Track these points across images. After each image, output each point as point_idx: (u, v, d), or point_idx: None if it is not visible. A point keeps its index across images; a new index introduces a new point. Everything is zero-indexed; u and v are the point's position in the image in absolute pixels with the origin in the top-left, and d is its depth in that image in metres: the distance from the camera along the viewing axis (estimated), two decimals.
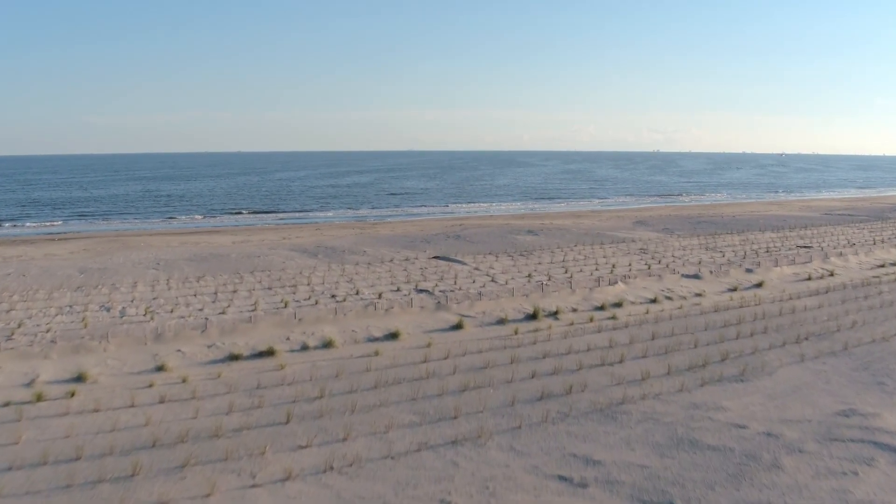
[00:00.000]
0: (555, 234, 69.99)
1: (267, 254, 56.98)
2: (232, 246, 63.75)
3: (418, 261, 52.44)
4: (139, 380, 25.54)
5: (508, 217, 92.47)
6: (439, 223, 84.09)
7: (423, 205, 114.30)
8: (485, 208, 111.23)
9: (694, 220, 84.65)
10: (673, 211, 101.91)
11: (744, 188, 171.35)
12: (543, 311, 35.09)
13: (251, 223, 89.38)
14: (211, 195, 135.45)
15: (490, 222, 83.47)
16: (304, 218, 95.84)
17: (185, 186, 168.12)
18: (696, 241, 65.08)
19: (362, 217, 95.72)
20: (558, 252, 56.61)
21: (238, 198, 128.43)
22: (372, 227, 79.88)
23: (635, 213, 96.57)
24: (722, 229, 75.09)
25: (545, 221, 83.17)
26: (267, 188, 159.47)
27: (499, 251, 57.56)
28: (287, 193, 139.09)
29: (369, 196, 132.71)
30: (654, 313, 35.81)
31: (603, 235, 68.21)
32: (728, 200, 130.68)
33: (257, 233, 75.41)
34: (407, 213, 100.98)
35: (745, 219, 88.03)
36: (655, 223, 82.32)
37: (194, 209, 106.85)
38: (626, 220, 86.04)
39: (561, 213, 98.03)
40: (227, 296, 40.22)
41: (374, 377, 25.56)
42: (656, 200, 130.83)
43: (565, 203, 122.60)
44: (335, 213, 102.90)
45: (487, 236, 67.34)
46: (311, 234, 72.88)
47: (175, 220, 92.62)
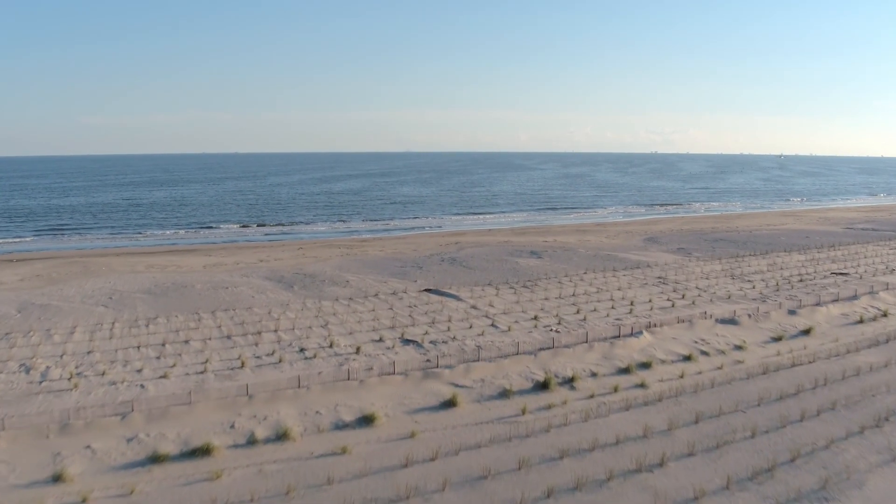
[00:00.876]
0: (560, 255, 63.65)
1: (237, 283, 50.50)
2: (202, 271, 57.27)
3: (407, 295, 46.02)
4: (25, 498, 19.08)
5: (508, 232, 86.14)
6: (434, 240, 77.75)
7: (417, 216, 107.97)
8: (483, 221, 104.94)
9: (709, 237, 78.39)
10: (684, 224, 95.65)
11: (752, 195, 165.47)
12: (556, 378, 28.64)
13: (231, 239, 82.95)
14: (196, 204, 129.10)
15: (488, 239, 77.14)
16: (289, 233, 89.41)
17: (173, 193, 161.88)
18: (717, 265, 58.75)
19: (351, 232, 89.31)
20: (566, 282, 50.26)
21: (224, 207, 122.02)
22: (360, 245, 73.51)
23: (644, 227, 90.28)
24: (742, 249, 68.83)
25: (548, 239, 76.82)
26: (256, 195, 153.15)
27: (499, 280, 51.21)
28: (275, 202, 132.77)
29: (361, 205, 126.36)
30: (691, 377, 29.36)
31: (613, 258, 61.83)
32: (739, 210, 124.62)
33: (234, 252, 68.96)
34: (400, 228, 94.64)
35: (763, 234, 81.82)
36: (668, 240, 76.07)
37: (174, 222, 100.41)
38: (636, 237, 79.75)
39: (564, 228, 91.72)
40: (176, 348, 33.81)
41: (335, 497, 19.30)
42: (663, 211, 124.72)
43: (568, 214, 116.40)
44: (323, 226, 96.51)
45: (486, 259, 60.98)
46: (292, 254, 66.48)
47: (151, 236, 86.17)
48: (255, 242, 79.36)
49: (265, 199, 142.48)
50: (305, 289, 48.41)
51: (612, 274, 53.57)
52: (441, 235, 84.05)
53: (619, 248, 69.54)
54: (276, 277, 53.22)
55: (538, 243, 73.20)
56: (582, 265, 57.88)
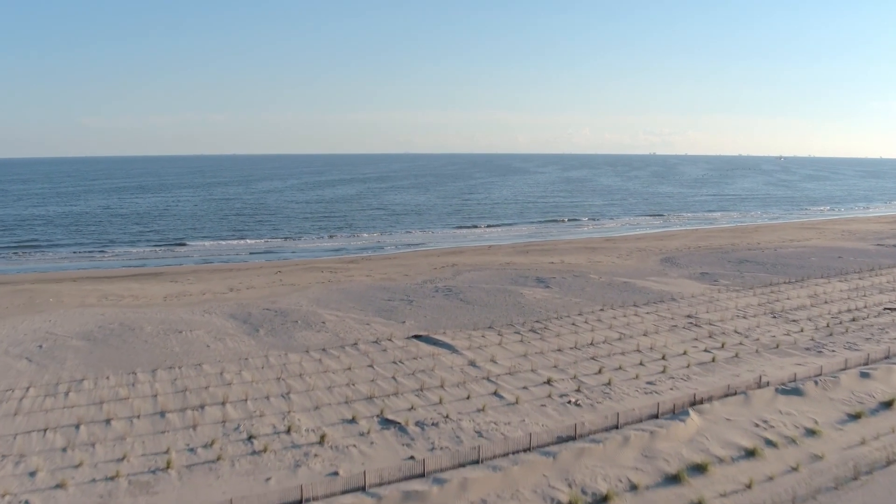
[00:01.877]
0: (570, 283, 56.42)
1: (195, 325, 43.07)
2: (160, 306, 49.92)
3: (392, 344, 38.77)
4: None
5: (510, 250, 78.89)
6: (428, 261, 70.49)
7: (411, 230, 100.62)
8: (482, 235, 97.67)
9: (732, 258, 71.18)
10: (699, 239, 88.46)
11: (763, 203, 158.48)
12: (585, 496, 21.40)
13: (205, 259, 75.57)
14: (177, 215, 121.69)
15: (488, 260, 69.89)
16: (270, 250, 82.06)
17: (156, 200, 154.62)
18: (751, 297, 51.52)
19: (338, 250, 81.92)
20: (581, 323, 42.96)
21: (206, 218, 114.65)
22: (346, 267, 66.22)
23: (658, 244, 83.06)
24: (773, 273, 61.64)
25: (554, 259, 69.57)
26: (242, 203, 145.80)
27: (501, 320, 43.89)
28: (262, 212, 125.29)
29: (352, 216, 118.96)
30: (761, 488, 22.11)
31: (631, 287, 54.53)
32: (754, 222, 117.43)
33: (204, 277, 61.63)
34: (391, 244, 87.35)
35: (789, 253, 74.66)
36: (687, 261, 68.88)
37: (149, 237, 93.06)
38: (651, 256, 72.56)
39: (571, 244, 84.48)
40: (91, 432, 26.41)
41: None
42: (674, 221, 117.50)
43: (573, 227, 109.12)
44: (309, 241, 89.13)
45: (486, 290, 53.66)
46: (268, 280, 59.15)
47: (120, 256, 78.84)
48: (231, 264, 71.98)
49: (252, 207, 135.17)
50: (273, 333, 41.08)
51: (634, 311, 46.27)
52: (436, 255, 76.78)
53: (635, 272, 62.32)
54: (242, 315, 45.89)
55: (544, 266, 65.96)
56: (596, 297, 50.61)
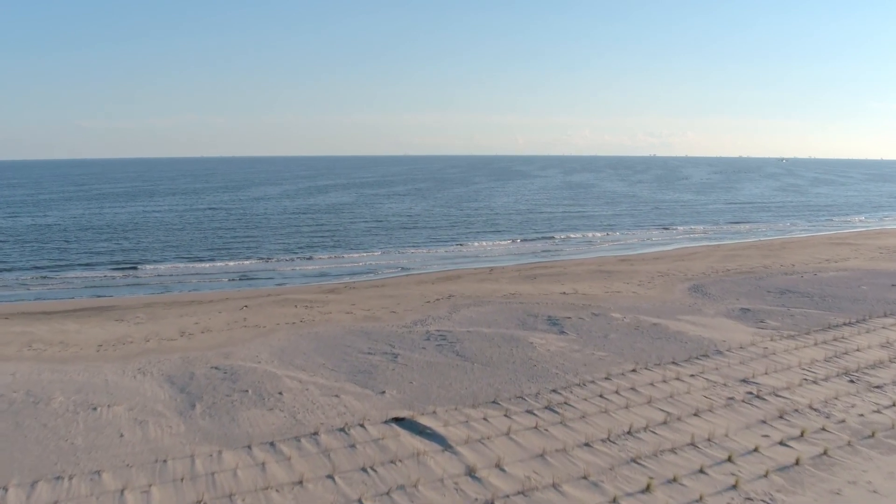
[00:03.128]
0: (588, 325, 47.17)
1: (118, 396, 33.65)
2: (89, 359, 40.68)
3: (365, 435, 29.09)
4: None
5: (514, 274, 69.67)
6: (421, 290, 61.31)
7: (405, 247, 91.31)
8: (483, 252, 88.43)
9: (769, 285, 61.98)
10: (726, 258, 79.24)
11: (779, 213, 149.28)
12: None
13: (165, 288, 66.09)
14: (152, 227, 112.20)
15: (490, 289, 60.74)
16: (244, 274, 72.64)
17: (135, 210, 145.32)
18: (813, 347, 42.14)
19: (321, 275, 72.41)
20: (612, 396, 33.42)
21: (181, 233, 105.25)
22: (325, 300, 57.02)
23: (680, 265, 73.85)
24: (825, 308, 52.40)
25: (566, 289, 60.39)
26: (227, 213, 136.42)
27: (509, 389, 34.46)
28: (243, 226, 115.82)
29: (342, 230, 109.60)
30: None
31: (665, 333, 45.17)
32: (778, 235, 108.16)
33: (157, 314, 52.31)
34: (381, 265, 78.04)
35: (833, 279, 65.46)
36: (719, 290, 59.67)
37: (112, 256, 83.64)
38: (676, 282, 63.38)
39: (582, 266, 75.27)
40: None
41: None
42: (690, 234, 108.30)
43: (581, 240, 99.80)
44: (288, 264, 79.59)
45: (489, 336, 44.26)
46: (228, 321, 49.89)
47: (70, 282, 69.55)
48: (194, 294, 62.58)
49: (235, 218, 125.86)
50: (212, 412, 31.71)
51: (674, 372, 36.98)
52: (430, 281, 67.47)
53: (663, 307, 53.07)
54: (182, 378, 36.58)
55: (555, 298, 56.71)
56: (624, 349, 41.26)
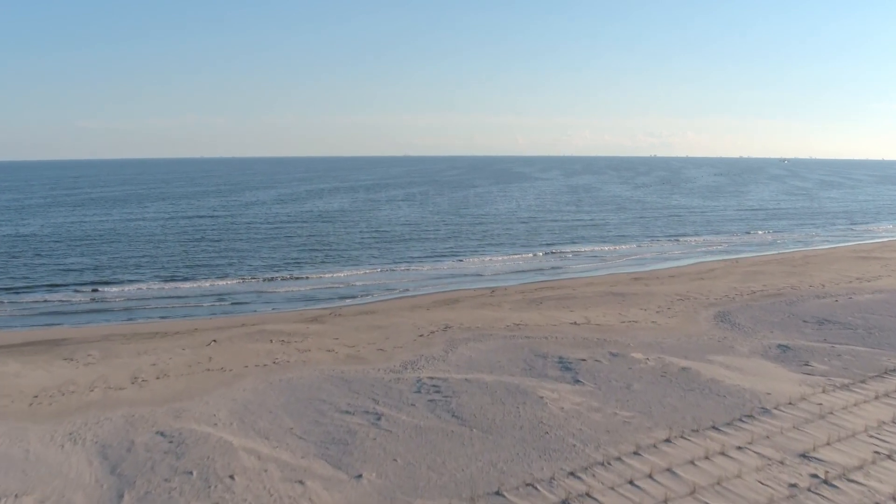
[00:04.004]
0: (607, 371, 40.55)
1: (33, 477, 26.58)
2: (18, 415, 33.66)
3: None
4: None
5: (518, 298, 63.15)
6: (414, 318, 54.77)
7: (397, 263, 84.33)
8: (482, 268, 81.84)
9: (802, 312, 55.40)
10: (748, 276, 72.72)
11: (793, 220, 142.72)
12: None
13: (129, 316, 59.28)
14: (133, 239, 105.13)
15: (492, 317, 54.25)
16: (220, 297, 65.91)
17: (119, 219, 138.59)
18: (875, 403, 35.02)
19: (305, 299, 65.23)
20: (644, 483, 26.34)
21: (162, 246, 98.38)
22: (305, 331, 50.47)
23: (700, 287, 67.30)
24: (873, 344, 45.57)
25: (577, 318, 53.88)
26: (213, 222, 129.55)
27: (515, 473, 27.41)
28: (230, 236, 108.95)
29: (332, 242, 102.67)
30: None
31: (696, 381, 38.36)
32: (797, 247, 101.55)
33: (110, 352, 45.75)
34: (372, 286, 71.34)
35: (868, 302, 58.74)
36: (750, 320, 53.05)
37: (80, 275, 76.54)
38: (700, 310, 56.83)
39: (593, 286, 68.73)
40: None
41: None
42: (703, 246, 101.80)
43: (589, 255, 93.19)
44: (270, 284, 72.36)
45: (490, 388, 37.47)
46: (190, 361, 43.30)
47: (25, 309, 62.78)
48: (158, 323, 55.90)
49: (222, 228, 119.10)
50: None
51: (717, 443, 30.16)
52: (425, 306, 60.83)
53: (689, 343, 46.48)
54: (118, 451, 29.89)
55: (565, 330, 50.10)
56: (651, 406, 34.51)
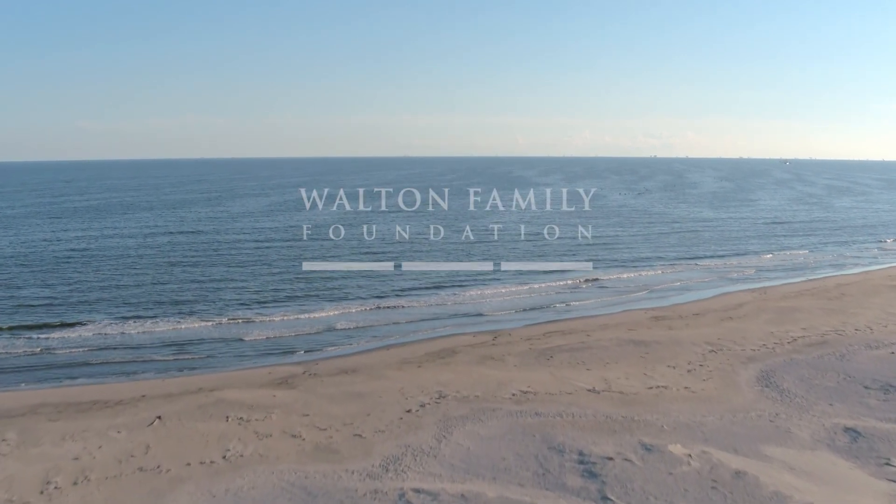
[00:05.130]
0: (640, 479, 31.82)
1: None
2: None
3: None
4: None
5: (524, 347, 54.63)
6: (401, 381, 46.25)
7: (387, 294, 76.03)
8: (482, 302, 73.43)
9: (856, 369, 46.64)
10: (783, 315, 64.25)
11: (810, 235, 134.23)
12: None
13: (68, 374, 51.05)
14: (101, 260, 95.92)
15: (495, 381, 45.78)
16: (180, 347, 57.29)
17: (93, 234, 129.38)
18: None
19: (279, 349, 56.35)
20: None
21: (130, 273, 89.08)
22: (270, 402, 41.93)
23: (731, 330, 58.90)
24: None
25: (596, 382, 45.41)
26: (190, 241, 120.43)
27: None
28: (206, 260, 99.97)
29: (313, 269, 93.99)
30: None
31: (755, 495, 30.27)
32: (825, 271, 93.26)
33: (32, 435, 37.12)
34: (352, 329, 62.83)
35: None
36: (801, 386, 44.39)
37: (33, 313, 67.99)
38: (737, 367, 48.34)
39: (607, 329, 60.19)
40: None
41: None
42: (721, 269, 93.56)
43: (596, 285, 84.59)
44: (239, 325, 62.99)
45: None
46: (123, 451, 34.66)
47: None
48: (99, 389, 47.33)
49: (202, 248, 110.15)
50: None
51: None
52: (417, 361, 51.90)
53: (734, 422, 37.87)
54: None
55: (583, 403, 41.31)
56: None
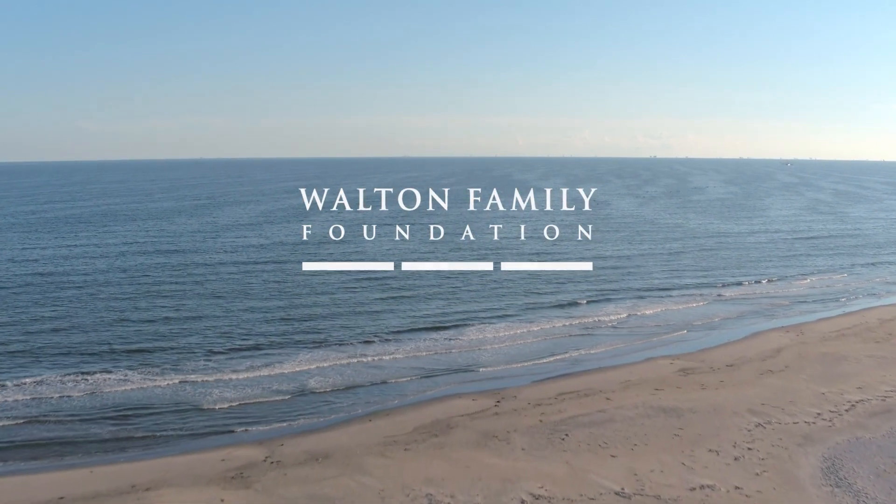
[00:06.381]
0: None
1: None
2: None
3: None
4: None
5: (534, 425, 45.19)
6: (381, 481, 36.99)
7: (372, 341, 66.23)
8: (481, 348, 64.24)
9: None
10: (830, 367, 55.25)
11: (832, 253, 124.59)
12: None
13: None
14: (51, 293, 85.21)
15: (498, 474, 36.64)
16: (117, 422, 47.98)
17: (63, 254, 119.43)
18: None
19: (237, 420, 47.29)
20: None
21: (83, 309, 78.55)
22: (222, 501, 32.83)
23: (774, 389, 49.77)
24: None
25: (622, 473, 36.13)
26: (160, 266, 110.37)
27: None
28: (172, 291, 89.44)
29: (289, 302, 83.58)
30: None
31: None
32: (865, 302, 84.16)
33: None
34: (336, 388, 53.62)
35: None
36: (873, 478, 35.13)
37: None
38: (794, 452, 39.13)
39: (629, 389, 51.04)
40: None
41: None
42: (750, 302, 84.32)
43: (608, 323, 74.87)
44: (193, 393, 53.10)
45: None
46: None
47: None
48: (9, 482, 38.38)
49: (174, 274, 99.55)
50: None
51: None
52: (405, 440, 42.37)
53: None
54: None
55: (606, 499, 32.67)
56: None
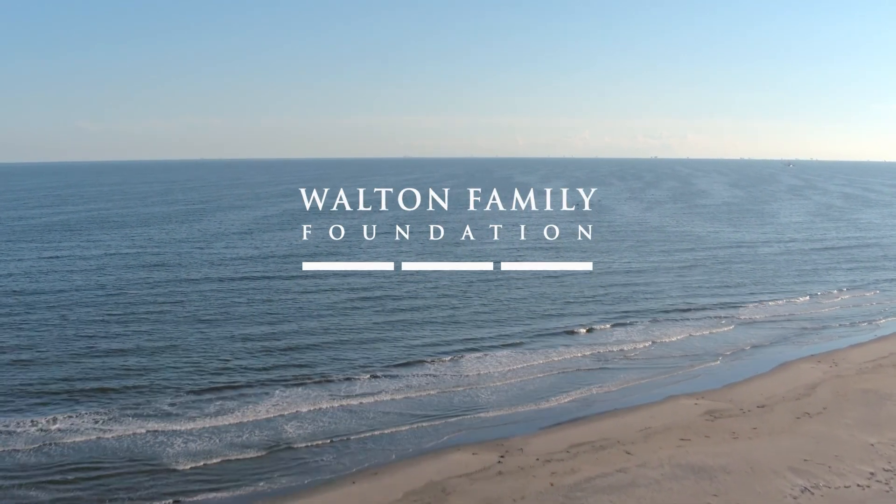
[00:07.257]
0: None
1: None
2: None
3: None
4: None
5: (545, 490, 38.90)
6: None
7: (357, 377, 59.01)
8: (479, 386, 57.41)
9: None
10: (872, 408, 48.44)
11: (851, 266, 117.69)
12: None
13: None
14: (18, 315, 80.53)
15: None
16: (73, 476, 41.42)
17: (42, 269, 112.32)
18: None
19: (205, 486, 41.28)
20: None
21: (50, 336, 71.84)
22: None
23: (817, 445, 42.86)
24: None
25: None
26: (140, 282, 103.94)
27: None
28: (148, 314, 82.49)
29: (277, 329, 76.67)
30: None
31: None
32: (889, 325, 77.82)
33: None
34: (315, 452, 46.68)
35: None
36: None
37: None
38: None
39: (652, 441, 44.20)
40: None
41: None
42: (772, 325, 77.67)
43: (618, 352, 67.83)
44: (157, 446, 46.01)
45: None
46: None
47: None
48: None
49: (152, 290, 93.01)
50: None
51: None
52: None
53: None
54: None
55: None
56: None
